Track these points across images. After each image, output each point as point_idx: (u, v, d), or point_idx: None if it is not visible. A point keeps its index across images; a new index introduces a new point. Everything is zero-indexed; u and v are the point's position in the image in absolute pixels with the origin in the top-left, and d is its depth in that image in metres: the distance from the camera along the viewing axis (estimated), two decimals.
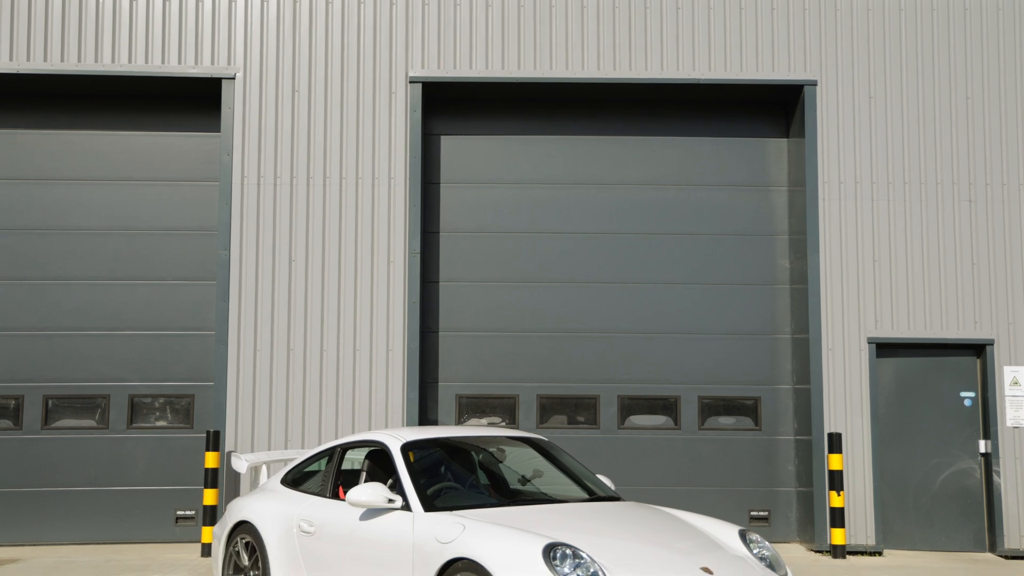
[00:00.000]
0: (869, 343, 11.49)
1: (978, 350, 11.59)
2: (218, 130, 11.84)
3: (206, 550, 10.62)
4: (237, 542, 7.61)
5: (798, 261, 11.87)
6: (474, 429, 9.40)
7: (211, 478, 10.74)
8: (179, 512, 11.57)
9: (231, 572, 7.64)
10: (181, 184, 12.11)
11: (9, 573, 9.71)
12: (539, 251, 12.17)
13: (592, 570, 5.58)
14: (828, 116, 11.76)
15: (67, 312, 11.86)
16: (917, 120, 11.80)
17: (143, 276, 11.96)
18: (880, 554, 11.15)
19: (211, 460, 10.77)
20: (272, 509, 7.47)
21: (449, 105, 12.23)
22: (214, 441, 10.83)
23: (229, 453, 10.67)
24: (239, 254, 11.42)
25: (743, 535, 6.47)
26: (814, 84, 11.77)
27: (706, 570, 5.83)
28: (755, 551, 6.34)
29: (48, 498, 11.52)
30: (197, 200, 12.06)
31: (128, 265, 11.97)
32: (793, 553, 11.09)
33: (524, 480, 7.71)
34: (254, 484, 8.82)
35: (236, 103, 11.58)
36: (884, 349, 11.57)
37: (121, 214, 12.06)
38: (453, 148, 12.28)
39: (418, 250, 11.49)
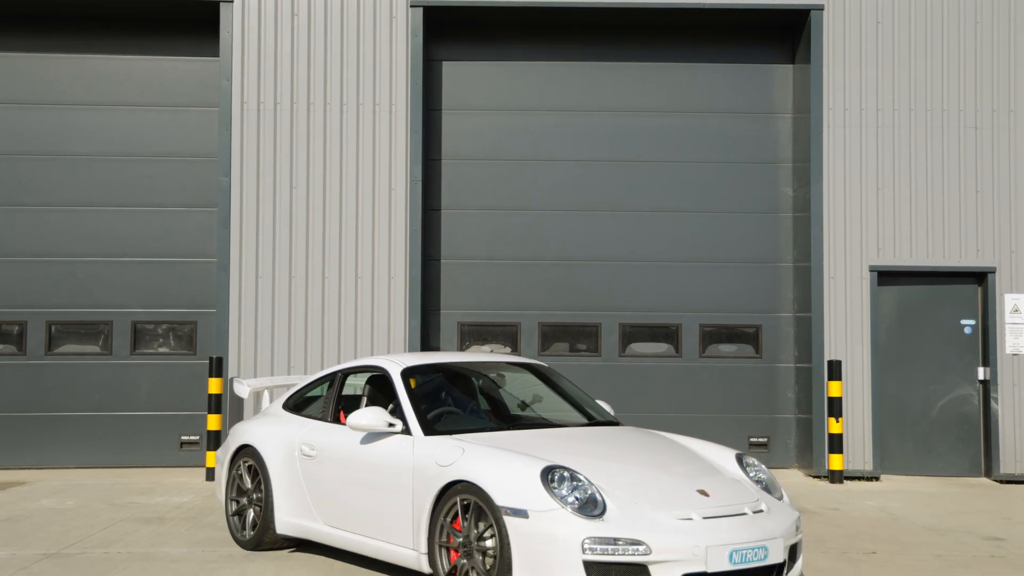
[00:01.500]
0: (871, 271, 11.48)
1: (979, 278, 11.59)
2: (217, 55, 11.71)
3: (211, 474, 10.75)
4: (240, 465, 7.69)
5: (801, 189, 11.81)
6: (474, 355, 9.44)
7: (214, 404, 10.83)
8: (183, 437, 11.69)
9: (234, 495, 7.74)
10: (181, 109, 12.02)
11: (17, 496, 9.86)
12: (542, 178, 12.10)
13: (589, 492, 5.63)
14: (834, 41, 11.60)
15: (68, 238, 11.86)
16: (924, 45, 11.64)
17: (144, 203, 11.93)
18: (877, 479, 11.27)
19: (214, 386, 10.85)
20: (274, 433, 7.54)
21: (451, 30, 12.06)
22: (217, 367, 10.89)
23: (231, 379, 10.75)
24: (239, 180, 11.37)
25: (740, 459, 6.52)
26: (820, 8, 11.59)
27: (702, 492, 5.89)
28: (751, 474, 6.39)
29: (54, 423, 11.64)
30: (197, 126, 11.97)
31: (129, 191, 11.94)
32: (791, 478, 11.21)
33: (524, 405, 7.76)
34: (256, 409, 8.90)
35: (235, 27, 11.44)
36: (885, 277, 11.57)
37: (121, 139, 11.98)
38: (455, 74, 12.15)
39: (419, 177, 11.43)
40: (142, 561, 7.14)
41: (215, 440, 10.71)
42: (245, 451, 7.67)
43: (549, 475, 5.70)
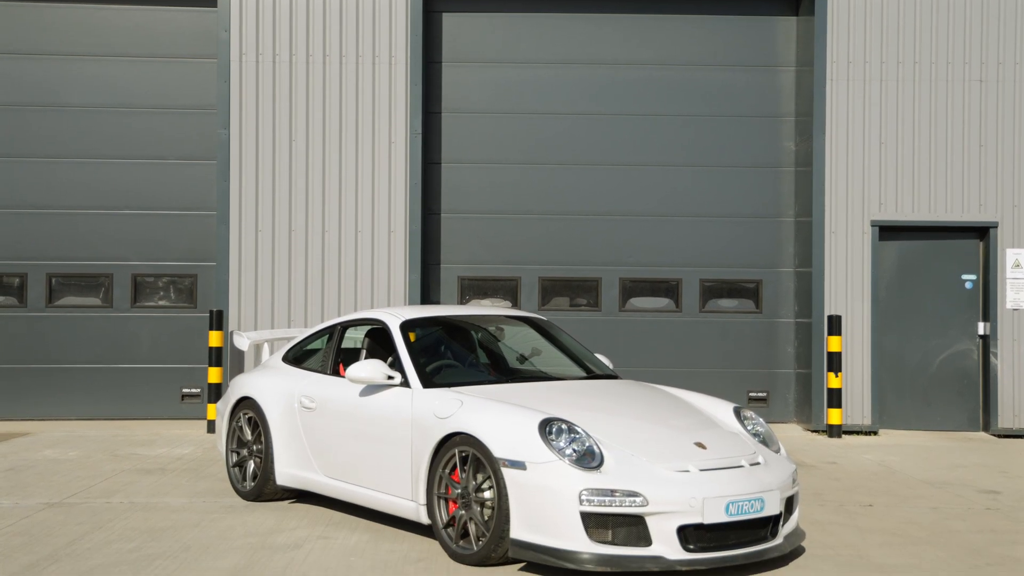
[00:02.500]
0: (872, 226, 11.44)
1: (981, 233, 11.55)
2: (215, 5, 11.57)
3: (211, 426, 10.81)
4: (240, 417, 7.72)
5: (803, 143, 11.74)
6: (473, 308, 9.46)
7: (215, 357, 10.85)
8: (184, 390, 11.73)
9: (234, 446, 7.78)
10: (178, 61, 11.92)
11: (19, 446, 9.92)
12: (543, 132, 12.03)
13: (587, 444, 5.65)
14: None
15: (68, 190, 11.82)
16: None
17: (142, 155, 11.88)
18: (876, 433, 11.32)
19: (215, 339, 10.87)
20: (274, 385, 7.56)
21: None
22: (217, 320, 10.91)
23: (231, 332, 10.78)
24: (239, 133, 11.31)
25: (737, 412, 6.54)
26: None
27: (700, 445, 5.91)
28: (749, 428, 6.41)
29: (56, 375, 11.68)
30: (195, 77, 11.88)
31: (128, 143, 11.88)
32: (790, 433, 11.26)
33: (522, 358, 7.78)
34: (256, 362, 8.93)
35: None
36: (887, 232, 11.53)
37: (120, 90, 11.89)
38: (455, 26, 12.04)
39: (419, 130, 11.37)
40: (143, 511, 7.20)
41: (216, 393, 10.75)
42: (245, 403, 7.70)
43: (547, 427, 5.71)
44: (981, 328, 11.52)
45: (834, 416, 11.03)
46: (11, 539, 6.42)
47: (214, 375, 10.83)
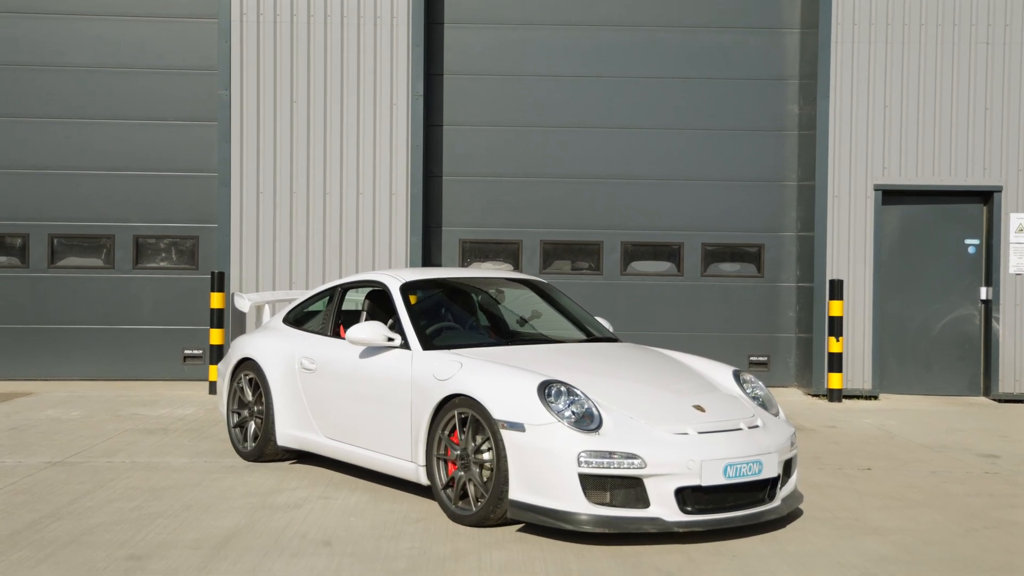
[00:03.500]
0: (875, 190, 11.39)
1: (985, 197, 11.50)
2: None
3: (213, 388, 10.84)
4: (241, 378, 7.74)
5: (807, 106, 11.66)
6: (473, 271, 9.46)
7: (217, 318, 10.87)
8: (186, 351, 11.76)
9: (235, 407, 7.80)
10: (180, 21, 11.83)
11: (22, 406, 9.96)
12: (545, 94, 11.96)
13: (586, 406, 5.66)
14: None
15: (69, 151, 11.79)
16: None
17: (143, 115, 11.83)
18: (876, 398, 11.34)
19: (216, 301, 10.87)
20: (274, 347, 7.57)
21: None
22: (219, 282, 10.91)
23: (233, 293, 10.79)
24: (240, 94, 11.25)
25: (737, 375, 6.55)
26: None
27: (698, 408, 5.92)
28: (748, 391, 6.42)
29: (58, 335, 11.71)
30: (196, 38, 11.80)
31: (128, 104, 11.83)
32: (790, 397, 11.28)
33: (522, 321, 7.78)
34: (258, 323, 8.93)
35: None
36: (890, 196, 11.49)
37: (120, 51, 11.82)
38: None
39: (421, 92, 11.30)
40: (145, 470, 7.24)
41: (217, 354, 10.77)
42: (246, 364, 7.72)
43: (546, 389, 5.72)
44: (983, 293, 11.50)
45: (834, 380, 11.04)
46: (13, 497, 6.47)
47: (215, 336, 10.85)
